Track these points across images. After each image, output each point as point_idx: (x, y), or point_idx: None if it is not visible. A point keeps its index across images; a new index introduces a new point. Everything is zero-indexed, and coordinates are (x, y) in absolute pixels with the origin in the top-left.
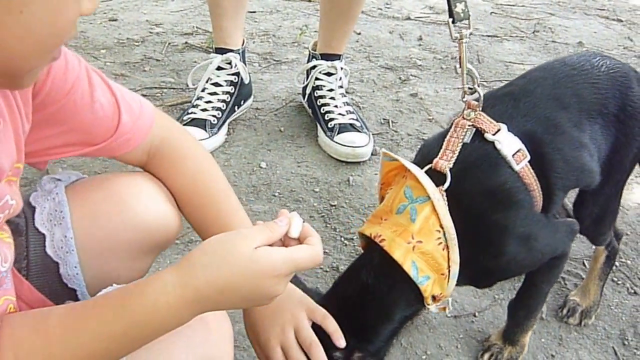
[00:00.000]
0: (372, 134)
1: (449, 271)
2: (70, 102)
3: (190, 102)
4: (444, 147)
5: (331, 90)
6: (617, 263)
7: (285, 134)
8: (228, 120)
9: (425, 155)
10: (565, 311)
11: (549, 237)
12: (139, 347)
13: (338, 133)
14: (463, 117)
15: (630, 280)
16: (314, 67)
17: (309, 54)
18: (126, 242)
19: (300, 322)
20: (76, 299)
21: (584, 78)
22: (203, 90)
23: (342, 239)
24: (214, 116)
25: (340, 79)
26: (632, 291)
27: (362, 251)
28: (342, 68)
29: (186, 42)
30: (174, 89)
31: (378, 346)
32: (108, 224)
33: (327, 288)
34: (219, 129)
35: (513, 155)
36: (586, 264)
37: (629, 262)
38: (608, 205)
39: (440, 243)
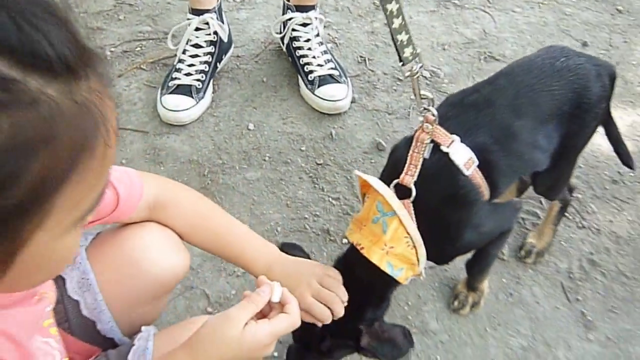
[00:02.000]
0: (350, 77)
1: (418, 261)
2: None
3: (172, 57)
4: (408, 161)
5: (308, 40)
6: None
7: (268, 84)
8: (212, 80)
9: (395, 165)
10: (523, 253)
11: (495, 221)
12: None
13: (318, 86)
14: (423, 130)
15: (580, 215)
16: (290, 18)
17: (284, 5)
18: (144, 294)
19: (315, 288)
20: (115, 344)
21: (543, 86)
22: (184, 53)
23: (330, 199)
24: (198, 80)
25: (317, 27)
26: (581, 225)
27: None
28: (317, 18)
29: None
30: (152, 39)
31: (383, 314)
32: (128, 284)
33: (319, 250)
34: (204, 92)
35: (464, 164)
36: (543, 202)
37: (579, 196)
38: (561, 177)
39: (409, 245)
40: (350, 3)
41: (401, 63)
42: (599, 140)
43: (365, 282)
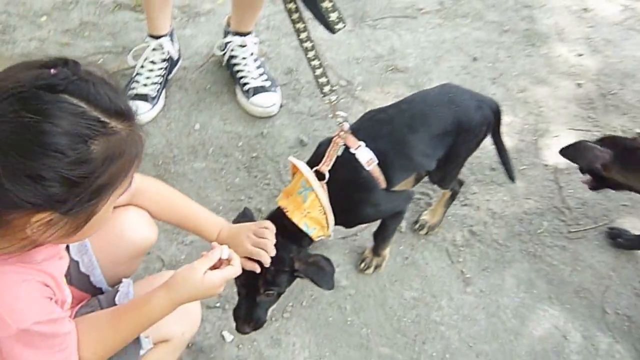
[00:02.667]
0: (280, 86)
1: (328, 225)
2: None
3: (130, 68)
4: (326, 156)
5: (244, 58)
6: None
7: (211, 91)
8: (165, 89)
9: (317, 157)
10: (417, 226)
11: (389, 203)
12: (148, 327)
13: (252, 95)
14: (339, 136)
15: (464, 195)
16: (230, 41)
17: (224, 30)
18: (124, 256)
19: (253, 239)
20: (102, 292)
21: (433, 112)
22: (142, 67)
23: (262, 184)
24: (153, 89)
25: (251, 48)
26: (465, 203)
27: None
28: (252, 41)
29: (115, 1)
30: (112, 52)
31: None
32: (113, 249)
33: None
34: (158, 99)
35: (366, 162)
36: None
37: (464, 180)
38: (449, 174)
39: (321, 212)
40: (280, 22)
41: (322, 95)
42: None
43: (286, 231)
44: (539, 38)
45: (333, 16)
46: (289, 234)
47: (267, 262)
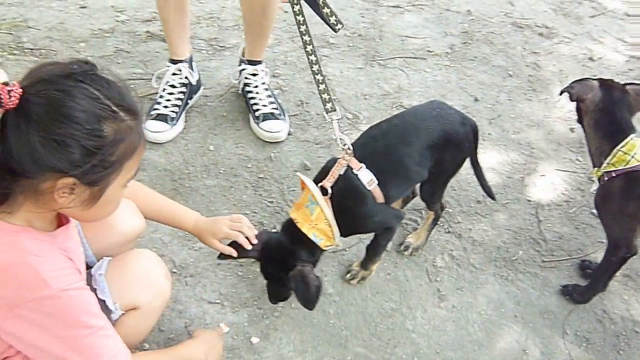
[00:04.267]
0: (290, 115)
1: (333, 235)
2: None
3: (156, 93)
4: (330, 174)
5: (256, 86)
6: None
7: (228, 117)
8: (184, 112)
9: (323, 173)
10: (402, 247)
11: (383, 216)
12: None
13: (262, 120)
14: (343, 158)
15: (448, 223)
16: (243, 69)
17: (240, 59)
18: (115, 243)
19: (229, 224)
20: (89, 267)
21: (422, 125)
22: (163, 90)
23: (266, 202)
24: (173, 111)
25: (262, 77)
26: (448, 231)
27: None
28: (263, 70)
29: (148, 31)
30: (143, 79)
31: (314, 265)
32: (105, 238)
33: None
34: (177, 120)
35: (367, 182)
36: (423, 213)
37: (450, 210)
38: (436, 190)
39: (327, 224)
40: (296, 59)
41: (325, 112)
42: (471, 171)
43: (299, 240)
44: (541, 84)
45: (332, 19)
46: (301, 243)
47: (244, 243)
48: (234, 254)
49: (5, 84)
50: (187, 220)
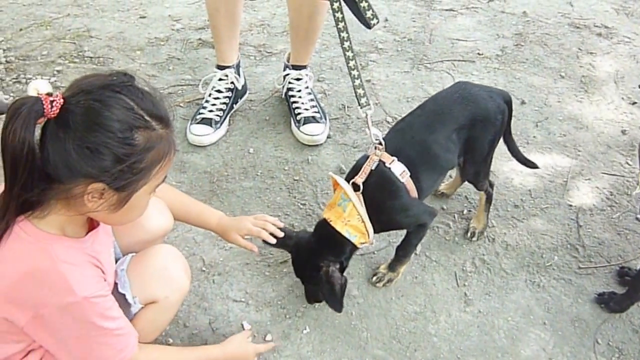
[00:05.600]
0: (331, 119)
1: (367, 231)
2: None
3: (202, 98)
4: (362, 170)
5: (299, 91)
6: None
7: (270, 121)
8: (229, 116)
9: (355, 170)
10: (469, 234)
11: (416, 211)
12: None
13: (303, 124)
14: (374, 154)
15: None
16: (287, 74)
17: (284, 64)
18: (143, 240)
19: (252, 221)
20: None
21: (446, 109)
22: (209, 95)
23: (299, 204)
24: (217, 115)
25: (306, 82)
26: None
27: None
28: (307, 74)
29: (200, 39)
30: (191, 85)
31: (343, 265)
32: (132, 235)
33: None
34: (221, 124)
35: (400, 174)
36: (456, 217)
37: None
38: (478, 168)
39: (359, 220)
40: (343, 64)
41: (360, 106)
42: (510, 175)
43: (331, 240)
44: (594, 84)
45: (369, 13)
46: (333, 241)
47: (268, 238)
48: (255, 249)
49: (49, 94)
50: (211, 219)
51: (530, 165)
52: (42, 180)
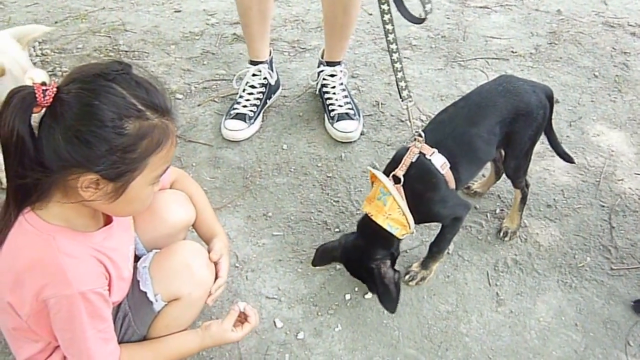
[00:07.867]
0: (364, 116)
1: (408, 223)
2: None
3: (236, 93)
4: (402, 162)
5: (333, 87)
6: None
7: (303, 117)
8: (262, 112)
9: (395, 162)
10: (502, 234)
11: (454, 203)
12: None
13: (337, 120)
14: (414, 146)
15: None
16: (322, 70)
17: (319, 61)
18: (163, 234)
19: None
20: (138, 259)
21: (489, 102)
22: (243, 91)
23: (332, 201)
24: (251, 110)
25: (341, 78)
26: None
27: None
28: (341, 71)
29: (234, 34)
30: (225, 80)
31: (394, 256)
32: (154, 229)
33: (317, 235)
34: (255, 120)
35: (440, 166)
36: (488, 216)
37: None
38: (519, 163)
39: (400, 213)
40: (377, 60)
41: (401, 99)
42: (544, 174)
43: (375, 234)
44: (628, 84)
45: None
46: (379, 235)
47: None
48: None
49: (43, 83)
50: (205, 236)
51: (568, 159)
52: (36, 169)
